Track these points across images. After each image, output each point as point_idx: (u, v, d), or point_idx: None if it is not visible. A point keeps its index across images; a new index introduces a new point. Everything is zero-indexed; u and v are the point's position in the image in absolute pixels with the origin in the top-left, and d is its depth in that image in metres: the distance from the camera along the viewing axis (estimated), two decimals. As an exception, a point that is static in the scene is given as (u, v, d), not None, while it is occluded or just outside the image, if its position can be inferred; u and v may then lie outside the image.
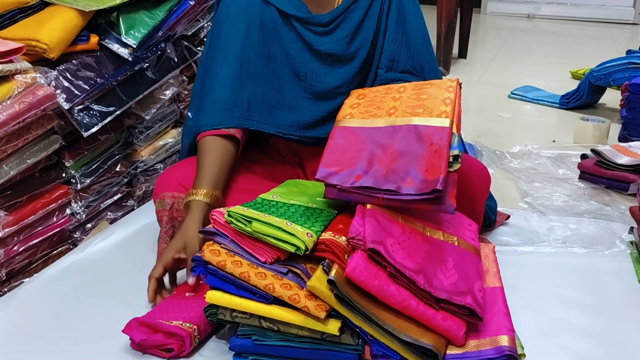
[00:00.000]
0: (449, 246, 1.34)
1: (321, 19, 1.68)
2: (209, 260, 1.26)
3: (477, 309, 1.21)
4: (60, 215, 1.84)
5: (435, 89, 1.47)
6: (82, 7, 1.85)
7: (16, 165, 1.66)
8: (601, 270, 1.70)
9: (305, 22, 1.68)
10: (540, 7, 6.42)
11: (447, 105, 1.40)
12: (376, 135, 1.38)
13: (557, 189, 2.27)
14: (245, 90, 1.67)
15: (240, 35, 1.69)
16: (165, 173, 1.70)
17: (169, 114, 2.23)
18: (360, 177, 1.30)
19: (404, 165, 1.29)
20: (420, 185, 1.25)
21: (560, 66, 4.24)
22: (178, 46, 2.19)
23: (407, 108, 1.42)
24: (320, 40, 1.68)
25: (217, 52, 1.71)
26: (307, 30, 1.68)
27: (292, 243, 1.22)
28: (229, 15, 1.71)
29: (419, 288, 1.20)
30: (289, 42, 1.69)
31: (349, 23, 1.69)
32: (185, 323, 1.32)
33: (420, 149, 1.31)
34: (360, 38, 1.70)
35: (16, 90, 1.58)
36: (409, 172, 1.28)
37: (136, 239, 1.82)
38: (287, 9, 1.67)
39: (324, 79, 1.70)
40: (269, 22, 1.69)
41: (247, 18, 1.69)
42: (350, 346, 1.23)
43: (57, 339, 1.39)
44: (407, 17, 1.71)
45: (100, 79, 1.86)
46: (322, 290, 1.17)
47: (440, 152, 1.28)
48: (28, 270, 1.79)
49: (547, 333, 1.43)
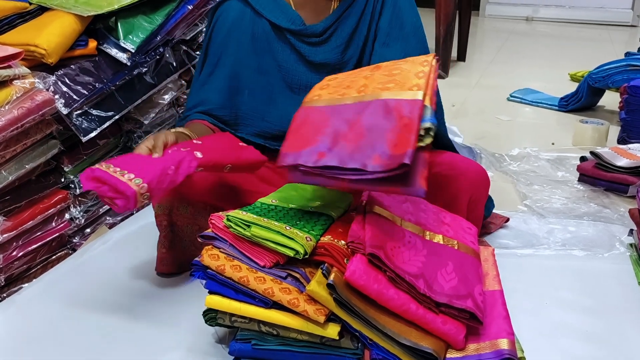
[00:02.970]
0: (449, 250, 1.34)
1: (315, 29, 1.67)
2: (208, 264, 1.26)
3: (477, 313, 1.21)
4: (59, 220, 1.84)
5: (410, 65, 1.38)
6: (80, 12, 1.85)
7: (15, 170, 1.66)
8: (601, 273, 1.70)
9: (299, 35, 1.67)
10: (538, 10, 6.42)
11: (420, 78, 1.29)
12: (343, 112, 1.29)
13: (556, 192, 2.27)
14: (234, 106, 1.71)
15: (233, 48, 1.70)
16: None
17: (168, 118, 2.23)
18: (324, 154, 1.21)
19: (371, 141, 1.20)
20: (387, 160, 1.15)
21: (559, 68, 4.24)
22: (176, 50, 2.19)
23: (377, 84, 1.31)
24: (314, 51, 1.68)
25: (208, 65, 1.74)
26: (301, 42, 1.68)
27: (292, 247, 1.22)
28: (222, 27, 1.72)
29: (419, 293, 1.19)
30: (282, 55, 1.69)
31: (343, 31, 1.68)
32: (136, 179, 1.29)
33: (388, 123, 1.21)
34: (354, 45, 1.69)
35: (15, 96, 1.59)
36: (376, 147, 1.18)
37: (135, 244, 1.81)
38: (281, 22, 1.67)
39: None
40: (260, 35, 1.69)
41: (240, 31, 1.70)
42: (350, 350, 1.22)
43: (56, 344, 1.39)
44: (403, 20, 1.70)
45: (98, 83, 1.87)
46: (322, 295, 1.17)
47: (410, 125, 1.18)
48: (27, 276, 1.78)
49: (546, 336, 1.43)
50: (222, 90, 1.71)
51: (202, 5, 2.21)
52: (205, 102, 1.71)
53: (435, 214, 1.44)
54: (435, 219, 1.42)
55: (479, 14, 6.56)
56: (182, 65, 2.20)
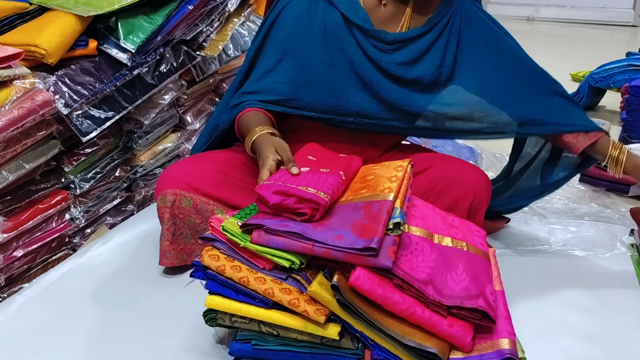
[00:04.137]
0: (458, 251, 1.34)
1: (384, 36, 1.65)
2: (208, 265, 1.26)
3: (489, 311, 1.20)
4: (60, 221, 1.84)
5: (384, 169, 1.41)
6: (80, 12, 1.85)
7: (15, 170, 1.66)
8: (602, 273, 1.70)
9: (367, 34, 1.65)
10: (540, 10, 6.41)
11: (393, 182, 1.32)
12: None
13: (557, 192, 2.26)
14: (301, 100, 1.67)
15: (302, 40, 1.68)
16: (168, 170, 1.68)
17: (168, 118, 2.23)
18: (288, 225, 1.21)
19: (336, 226, 1.22)
20: (353, 241, 1.16)
21: (560, 68, 4.22)
22: (177, 51, 2.19)
23: (351, 193, 1.36)
24: (379, 56, 1.65)
25: (275, 52, 1.70)
26: (368, 43, 1.65)
27: (287, 258, 1.21)
28: (291, 15, 1.69)
29: (429, 299, 1.19)
30: (351, 49, 1.66)
31: (409, 52, 1.66)
32: (319, 192, 1.26)
33: (356, 217, 1.24)
34: (418, 69, 1.66)
35: (15, 96, 1.58)
36: (341, 231, 1.20)
37: (136, 244, 1.81)
38: (353, 17, 1.65)
39: (390, 87, 1.67)
40: (332, 28, 1.66)
41: (311, 22, 1.67)
42: (350, 350, 1.22)
43: (56, 344, 1.39)
44: (481, 58, 1.68)
45: (99, 84, 1.86)
46: (323, 295, 1.17)
47: (378, 218, 1.20)
48: (27, 276, 1.78)
49: (547, 336, 1.43)
50: (289, 83, 1.67)
51: (203, 5, 2.20)
52: (270, 92, 1.67)
53: (443, 217, 1.44)
54: (443, 222, 1.41)
55: (480, 14, 6.55)
56: (183, 65, 2.20)
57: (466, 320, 1.21)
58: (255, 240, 1.22)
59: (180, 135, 2.30)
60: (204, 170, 1.65)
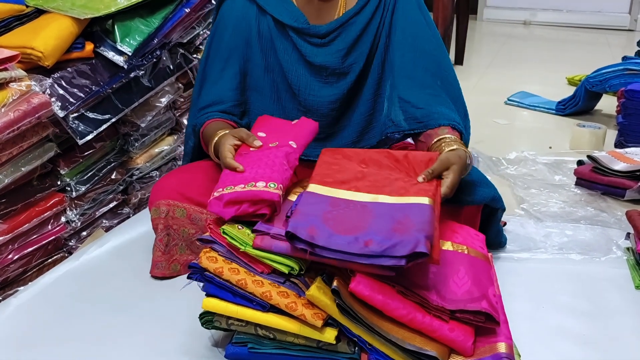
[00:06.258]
0: (459, 255, 1.34)
1: (318, 30, 1.66)
2: (206, 267, 1.26)
3: (493, 313, 1.20)
4: (56, 223, 1.83)
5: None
6: (77, 14, 1.85)
7: (11, 173, 1.65)
8: (598, 277, 1.70)
9: (301, 33, 1.66)
10: (536, 14, 6.43)
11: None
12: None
13: (553, 196, 2.27)
14: (245, 104, 1.72)
15: (241, 46, 1.70)
16: (161, 181, 1.70)
17: (165, 121, 2.23)
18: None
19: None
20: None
21: (557, 72, 4.24)
22: (174, 53, 2.19)
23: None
24: (315, 52, 1.67)
25: (218, 62, 1.72)
26: (303, 41, 1.67)
27: (286, 264, 1.21)
28: (229, 24, 1.71)
29: (432, 305, 1.19)
30: (283, 53, 1.68)
31: (346, 37, 1.66)
32: (270, 183, 1.27)
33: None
34: (356, 53, 1.67)
35: (11, 98, 1.58)
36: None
37: (132, 247, 1.81)
38: (284, 19, 1.66)
39: (318, 93, 1.68)
40: (265, 33, 1.69)
41: (248, 27, 1.69)
42: (347, 354, 1.22)
43: (52, 347, 1.39)
44: (416, 30, 1.67)
45: (95, 86, 1.86)
46: (322, 300, 1.17)
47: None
48: (23, 279, 1.78)
49: (543, 340, 1.43)
50: (235, 89, 1.71)
51: (199, 8, 2.20)
52: (223, 101, 1.70)
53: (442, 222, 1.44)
54: (442, 227, 1.41)
55: (476, 17, 6.56)
56: (179, 68, 2.20)
57: (470, 323, 1.21)
58: (257, 244, 1.23)
59: (177, 138, 2.30)
60: (196, 179, 1.66)
